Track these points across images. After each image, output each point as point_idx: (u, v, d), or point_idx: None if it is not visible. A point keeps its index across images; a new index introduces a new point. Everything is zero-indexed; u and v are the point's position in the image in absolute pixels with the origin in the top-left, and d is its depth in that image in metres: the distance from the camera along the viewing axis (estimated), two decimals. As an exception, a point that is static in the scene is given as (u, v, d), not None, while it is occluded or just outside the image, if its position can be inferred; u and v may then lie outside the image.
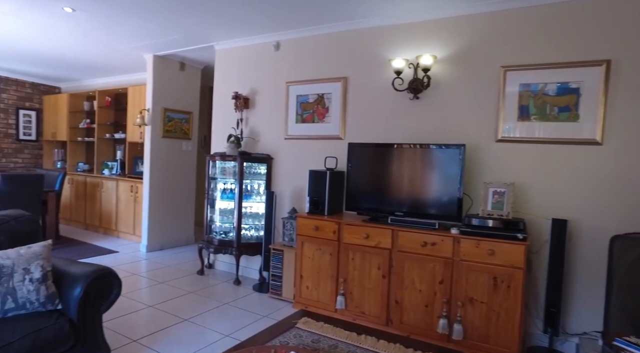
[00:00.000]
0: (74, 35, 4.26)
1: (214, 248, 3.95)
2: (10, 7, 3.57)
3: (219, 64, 4.43)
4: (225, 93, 4.34)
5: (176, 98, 5.21)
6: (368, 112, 3.48)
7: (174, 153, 5.24)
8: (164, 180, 5.12)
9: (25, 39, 4.51)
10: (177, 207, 5.33)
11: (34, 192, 4.59)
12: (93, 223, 6.09)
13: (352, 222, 3.07)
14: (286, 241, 3.60)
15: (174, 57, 5.05)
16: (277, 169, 4.01)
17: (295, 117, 3.85)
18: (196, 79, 5.49)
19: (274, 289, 3.58)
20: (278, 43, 3.97)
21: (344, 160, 3.53)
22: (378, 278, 2.96)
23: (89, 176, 6.16)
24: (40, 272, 1.88)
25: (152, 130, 4.94)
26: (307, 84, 3.78)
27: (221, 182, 4.11)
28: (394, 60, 3.18)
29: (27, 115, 7.00)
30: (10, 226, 2.08)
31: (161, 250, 5.12)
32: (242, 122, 4.17)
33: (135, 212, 5.45)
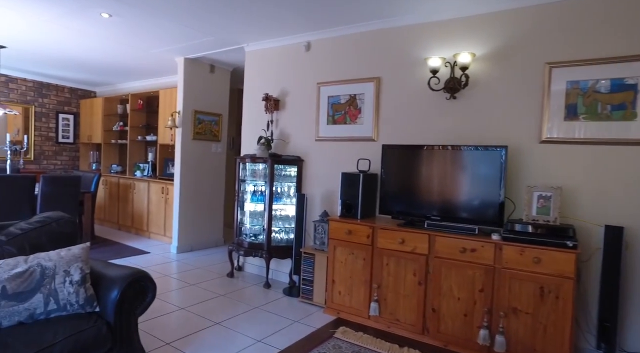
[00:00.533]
0: (109, 40, 4.35)
1: (244, 250, 3.93)
2: (51, 15, 3.68)
3: (249, 65, 4.43)
4: (255, 95, 4.33)
5: (206, 100, 5.26)
6: (402, 113, 3.38)
7: (204, 155, 5.28)
8: (194, 181, 5.16)
9: (65, 45, 4.64)
10: (206, 208, 5.37)
11: (71, 193, 4.72)
12: (125, 224, 6.23)
13: (387, 227, 2.98)
14: (317, 245, 3.54)
15: (204, 60, 5.09)
16: (307, 171, 3.96)
17: (327, 118, 3.79)
18: (225, 81, 5.52)
19: (305, 294, 3.52)
20: (309, 43, 3.92)
21: (377, 163, 3.44)
22: (414, 285, 2.86)
23: (122, 178, 6.31)
24: (80, 275, 1.88)
25: (183, 132, 5.00)
26: (338, 84, 3.72)
27: (251, 184, 4.10)
28: (429, 59, 3.08)
29: (66, 119, 7.24)
30: (51, 228, 2.11)
31: (191, 251, 5.16)
32: (272, 123, 4.14)
33: (165, 213, 5.53)
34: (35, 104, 6.83)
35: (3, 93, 6.44)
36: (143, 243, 5.45)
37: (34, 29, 4.11)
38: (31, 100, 6.79)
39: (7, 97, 6.49)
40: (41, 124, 6.93)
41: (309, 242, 3.81)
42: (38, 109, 6.87)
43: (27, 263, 1.79)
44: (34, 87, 6.82)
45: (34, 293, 1.77)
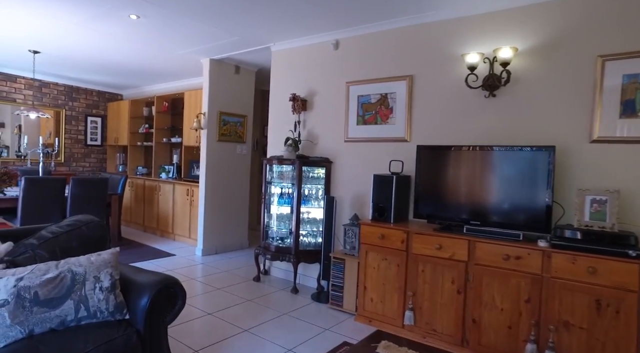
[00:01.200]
0: (137, 42, 4.35)
1: (271, 254, 3.84)
2: (82, 18, 3.69)
3: (275, 65, 4.35)
4: (281, 95, 4.25)
5: (231, 101, 5.21)
6: (437, 112, 3.22)
7: (229, 156, 5.24)
8: (219, 184, 5.12)
9: (94, 49, 4.68)
10: (231, 211, 5.32)
11: (99, 195, 4.74)
12: (151, 226, 6.25)
13: (423, 231, 2.83)
14: (347, 249, 3.41)
15: (229, 61, 5.05)
16: (336, 172, 3.84)
17: (356, 118, 3.67)
18: (250, 82, 5.46)
19: (335, 300, 3.40)
20: (337, 42, 3.81)
21: (410, 164, 3.29)
22: (452, 293, 2.69)
23: (147, 179, 6.34)
24: (110, 281, 1.82)
25: (208, 133, 4.96)
26: (369, 83, 3.59)
27: (278, 187, 4.01)
28: (467, 55, 2.91)
29: (94, 121, 7.36)
30: (81, 232, 2.06)
31: (216, 254, 5.12)
32: (300, 124, 4.04)
33: (190, 216, 5.51)
34: (65, 108, 6.96)
35: (37, 97, 6.58)
36: (168, 246, 5.44)
37: (66, 33, 4.14)
38: (62, 103, 6.92)
39: (41, 101, 6.63)
40: (71, 126, 7.05)
41: (338, 246, 3.68)
42: (68, 112, 7.00)
43: (58, 269, 1.74)
44: (65, 91, 6.95)
45: (64, 300, 1.71)
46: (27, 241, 1.95)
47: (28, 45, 4.77)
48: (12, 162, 6.34)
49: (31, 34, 4.30)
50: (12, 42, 4.65)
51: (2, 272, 1.66)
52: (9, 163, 6.30)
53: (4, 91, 6.26)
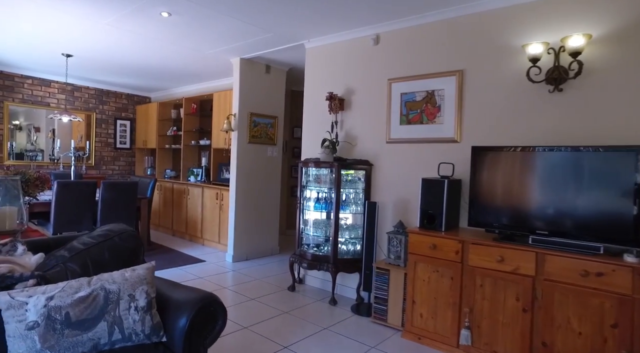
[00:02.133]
0: (167, 41, 4.23)
1: (307, 263, 3.62)
2: (112, 18, 3.58)
3: (309, 63, 4.14)
4: (317, 94, 4.03)
5: (262, 102, 5.04)
6: (491, 110, 2.93)
7: (260, 159, 5.06)
8: (250, 187, 4.95)
9: (124, 50, 4.59)
10: (262, 215, 5.14)
11: (129, 199, 4.65)
12: (179, 230, 6.15)
13: (480, 241, 2.54)
14: (392, 259, 3.16)
15: (259, 60, 4.88)
16: (377, 176, 3.59)
17: (399, 118, 3.41)
18: (281, 81, 5.28)
19: (378, 313, 3.15)
20: (377, 36, 3.56)
21: (460, 167, 3.01)
22: (516, 312, 2.40)
23: (176, 183, 6.25)
24: (145, 300, 1.63)
25: (239, 135, 4.79)
26: (413, 80, 3.32)
27: (314, 191, 3.79)
28: (529, 46, 2.61)
29: (123, 124, 7.35)
30: (114, 242, 1.89)
31: (247, 260, 4.94)
32: (337, 125, 3.81)
33: (220, 220, 5.36)
34: (96, 111, 6.97)
35: (69, 101, 6.61)
36: (198, 251, 5.31)
37: (97, 34, 4.05)
38: (93, 107, 6.93)
39: (73, 104, 6.65)
40: (101, 130, 7.06)
41: (380, 255, 3.43)
42: (98, 116, 7.01)
43: (90, 286, 1.56)
44: (95, 95, 6.96)
45: (97, 321, 1.53)
46: (58, 253, 1.80)
47: (61, 49, 4.74)
48: (46, 166, 6.37)
49: (64, 37, 4.24)
50: (47, 46, 4.62)
51: (32, 290, 1.50)
52: (43, 166, 6.33)
53: (39, 96, 6.30)
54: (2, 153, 5.99)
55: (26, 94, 6.19)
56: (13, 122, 6.12)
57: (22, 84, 6.15)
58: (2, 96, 5.98)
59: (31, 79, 6.22)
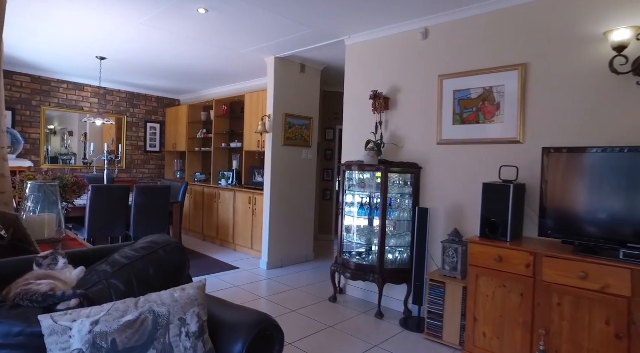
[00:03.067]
0: (200, 41, 4.09)
1: (351, 273, 3.39)
2: (148, 17, 3.46)
3: (350, 61, 3.92)
4: (358, 93, 3.81)
5: (296, 103, 4.85)
6: (563, 107, 2.63)
7: (294, 162, 4.87)
8: (284, 191, 4.76)
9: (156, 51, 4.49)
10: (297, 220, 4.94)
11: (162, 204, 4.53)
12: (210, 235, 6.02)
13: (558, 254, 2.25)
14: (447, 271, 2.89)
15: (294, 59, 4.69)
16: (426, 180, 3.32)
17: (452, 117, 3.14)
18: (316, 81, 5.08)
19: (432, 330, 2.88)
20: (426, 30, 3.31)
21: (525, 170, 2.72)
22: (607, 338, 2.10)
23: (207, 186, 6.13)
24: (197, 324, 1.44)
25: (274, 137, 4.62)
26: (467, 76, 3.05)
27: (357, 195, 3.56)
28: (613, 32, 2.31)
29: (153, 127, 7.32)
30: (158, 256, 1.71)
31: (281, 267, 4.75)
32: (382, 125, 3.58)
33: (253, 225, 5.19)
34: (127, 114, 6.96)
35: (101, 105, 6.61)
36: (230, 257, 5.15)
37: (131, 35, 3.96)
38: (124, 110, 6.92)
39: (105, 108, 6.65)
40: (132, 133, 7.04)
41: (431, 266, 3.17)
42: (129, 119, 6.99)
43: (137, 309, 1.38)
44: (127, 98, 6.95)
45: (146, 349, 1.34)
46: (100, 267, 1.63)
47: (96, 51, 4.69)
48: (79, 169, 6.38)
49: (99, 39, 4.17)
50: (82, 49, 4.57)
51: (76, 313, 1.33)
52: (77, 170, 6.34)
53: (73, 100, 6.32)
54: (38, 157, 6.03)
55: (61, 99, 6.21)
56: (48, 127, 6.16)
57: (58, 89, 6.18)
58: (39, 101, 6.01)
59: (66, 83, 6.24)
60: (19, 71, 5.79)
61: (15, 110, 5.82)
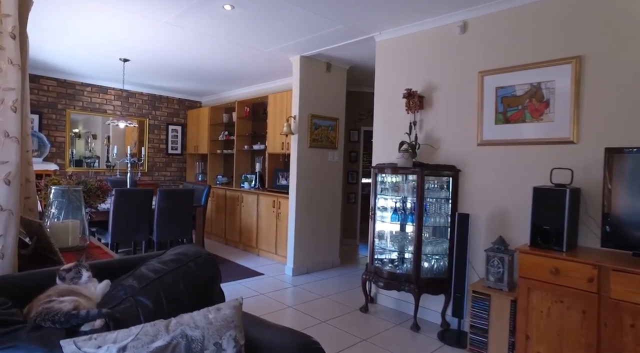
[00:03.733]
0: (226, 40, 3.97)
1: (384, 282, 3.19)
2: (173, 16, 3.36)
3: (381, 58, 3.73)
4: (390, 92, 3.61)
5: (322, 103, 4.68)
6: (626, 102, 2.38)
7: (320, 164, 4.70)
8: (310, 195, 4.59)
9: (178, 51, 4.40)
10: (323, 225, 4.77)
11: (186, 207, 4.43)
12: (233, 239, 5.91)
13: (630, 268, 2.01)
14: (492, 282, 2.66)
15: (320, 58, 4.53)
16: (465, 183, 3.10)
17: (495, 116, 2.92)
18: (342, 80, 4.91)
19: (475, 346, 2.66)
20: (465, 23, 3.10)
21: (579, 173, 2.48)
22: (685, 363, 1.85)
23: (229, 189, 6.02)
24: (234, 349, 1.28)
25: (299, 139, 4.46)
26: (511, 71, 2.83)
27: (390, 200, 3.36)
28: (687, 18, 2.06)
29: (175, 130, 7.28)
30: (189, 270, 1.56)
31: (307, 273, 4.58)
32: (415, 125, 3.37)
33: (277, 230, 5.05)
34: (149, 117, 6.93)
35: (124, 107, 6.60)
36: (253, 262, 5.02)
37: (155, 35, 3.87)
38: (146, 113, 6.90)
39: (127, 111, 6.64)
40: (154, 136, 7.01)
41: (472, 276, 2.95)
42: (151, 121, 6.96)
43: (169, 333, 1.22)
44: (149, 101, 6.93)
45: (178, 379, 1.19)
46: (127, 282, 1.49)
47: (119, 53, 4.63)
48: (102, 172, 6.37)
49: (122, 40, 4.11)
50: (105, 50, 4.52)
51: (102, 337, 1.18)
52: (100, 173, 6.33)
53: (97, 103, 6.32)
54: (64, 160, 6.03)
55: (85, 102, 6.22)
56: (73, 130, 6.17)
57: (82, 92, 6.18)
58: (65, 104, 6.03)
59: (90, 86, 6.24)
60: (46, 75, 5.81)
61: (42, 113, 5.84)
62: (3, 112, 1.51)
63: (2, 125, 1.50)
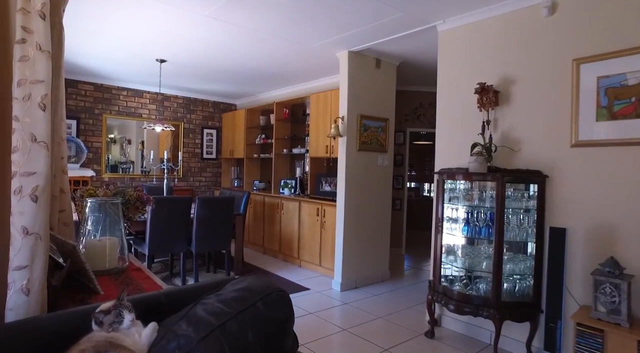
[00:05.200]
0: (269, 34, 3.66)
1: (455, 305, 2.76)
2: (214, 8, 3.07)
3: (445, 49, 3.31)
4: (456, 88, 3.19)
5: (372, 102, 4.30)
6: None
7: (370, 169, 4.31)
8: (359, 202, 4.21)
9: (218, 50, 4.13)
10: (372, 235, 4.38)
11: (225, 217, 4.14)
12: (272, 248, 5.59)
13: None
14: (603, 313, 2.19)
15: (369, 53, 4.15)
16: (555, 192, 2.63)
17: (596, 111, 2.44)
18: (391, 78, 4.51)
19: (581, 391, 2.19)
20: (553, 3, 2.64)
21: None
22: None
23: (267, 196, 5.71)
24: None
25: (348, 142, 4.08)
26: (620, 56, 2.35)
27: (461, 209, 2.93)
28: None
29: (210, 134, 7.07)
30: (257, 312, 1.20)
31: (356, 288, 4.19)
32: (489, 125, 2.93)
33: (322, 240, 4.68)
34: (184, 121, 6.74)
35: (159, 111, 6.44)
36: (296, 275, 4.67)
37: (194, 30, 3.60)
38: (181, 116, 6.72)
39: (162, 114, 6.48)
40: (189, 140, 6.82)
41: (569, 303, 2.48)
42: (186, 125, 6.78)
43: None
44: (184, 104, 6.75)
45: None
46: (179, 329, 1.14)
47: (155, 54, 4.42)
48: (137, 178, 6.22)
49: (159, 39, 3.88)
50: (142, 51, 4.31)
51: None
52: (135, 179, 6.18)
53: (133, 107, 6.19)
54: (100, 166, 5.91)
55: (121, 106, 6.09)
56: (109, 136, 6.05)
57: (118, 96, 6.06)
58: (101, 109, 5.91)
59: (126, 90, 6.11)
60: (84, 80, 5.71)
61: (80, 119, 5.73)
62: (30, 111, 1.19)
63: (29, 127, 1.18)
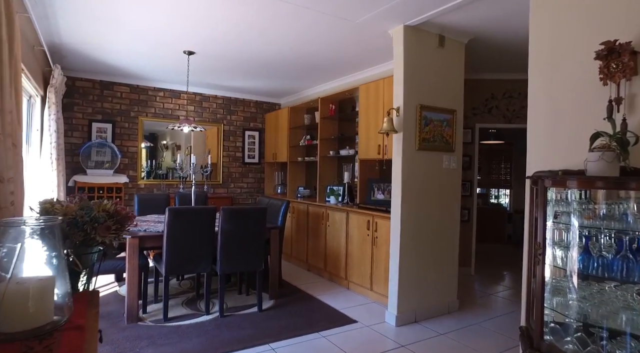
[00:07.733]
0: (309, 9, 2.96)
1: (571, 375, 1.83)
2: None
3: (538, 4, 2.38)
4: (559, 54, 2.26)
5: (434, 90, 3.44)
6: None
7: (433, 173, 3.45)
8: (419, 213, 3.36)
9: (252, 36, 3.51)
10: (436, 255, 3.50)
11: (257, 230, 3.48)
12: (316, 265, 4.86)
13: None
14: None
15: (430, 28, 3.32)
16: None
17: None
18: (459, 58, 3.62)
19: None
20: None
21: None
22: None
23: (311, 204, 5.00)
24: None
25: (404, 139, 3.26)
26: None
27: (575, 229, 1.99)
28: None
29: (252, 136, 6.54)
30: None
31: (416, 322, 3.33)
32: (620, 105, 1.97)
33: (373, 259, 3.87)
34: (224, 122, 6.28)
35: (197, 112, 6.03)
36: (342, 299, 3.89)
37: (224, 14, 3.00)
38: (221, 117, 6.26)
39: (201, 116, 6.06)
40: (229, 143, 6.34)
41: None
42: (226, 127, 6.30)
43: None
44: (223, 104, 6.28)
45: None
46: None
47: (182, 44, 3.91)
48: (175, 185, 5.81)
49: (185, 27, 3.35)
50: (166, 40, 3.80)
51: None
52: (173, 185, 5.79)
53: (169, 108, 5.83)
54: (135, 171, 5.58)
55: (158, 108, 5.74)
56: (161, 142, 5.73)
57: (155, 97, 5.72)
58: (137, 112, 5.60)
59: (163, 91, 5.76)
60: (119, 81, 5.42)
61: (115, 122, 5.44)
62: None
63: None
